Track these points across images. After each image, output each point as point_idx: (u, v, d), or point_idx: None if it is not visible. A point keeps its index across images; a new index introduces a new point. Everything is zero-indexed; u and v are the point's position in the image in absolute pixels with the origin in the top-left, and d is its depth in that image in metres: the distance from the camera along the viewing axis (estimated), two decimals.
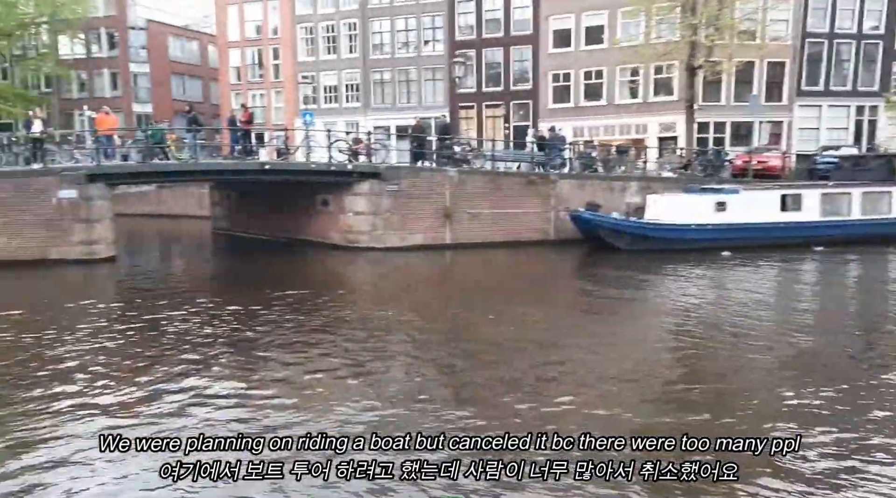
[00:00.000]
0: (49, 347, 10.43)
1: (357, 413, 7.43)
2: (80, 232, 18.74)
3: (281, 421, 7.24)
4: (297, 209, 23.69)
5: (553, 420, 7.16)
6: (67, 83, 44.30)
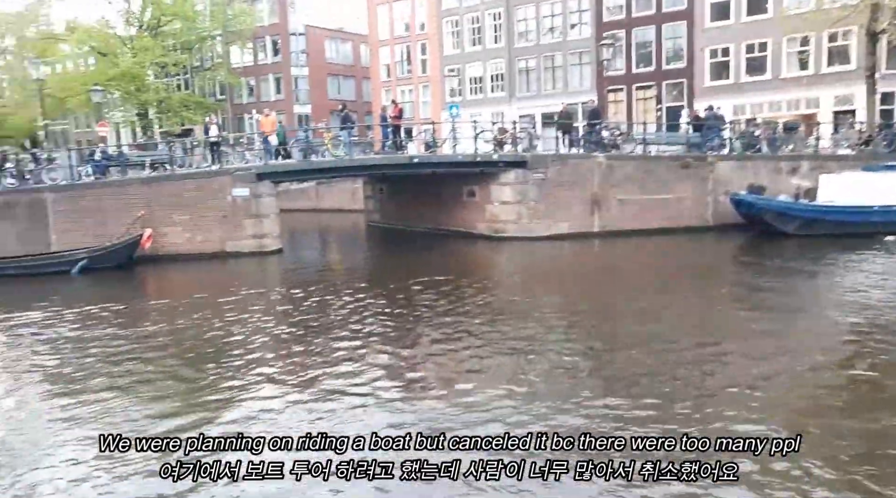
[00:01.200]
0: (231, 325, 11.53)
1: (505, 406, 7.46)
2: (251, 227, 20.42)
3: (429, 406, 7.47)
4: (445, 201, 24.19)
5: (705, 420, 6.75)
6: (238, 90, 48.42)
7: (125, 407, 7.84)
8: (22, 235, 19.19)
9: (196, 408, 7.79)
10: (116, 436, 6.48)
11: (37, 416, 7.73)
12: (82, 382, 8.87)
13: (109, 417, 7.52)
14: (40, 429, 7.29)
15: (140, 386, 8.68)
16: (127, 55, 37.77)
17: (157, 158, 24.05)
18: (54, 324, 12.45)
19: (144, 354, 10.14)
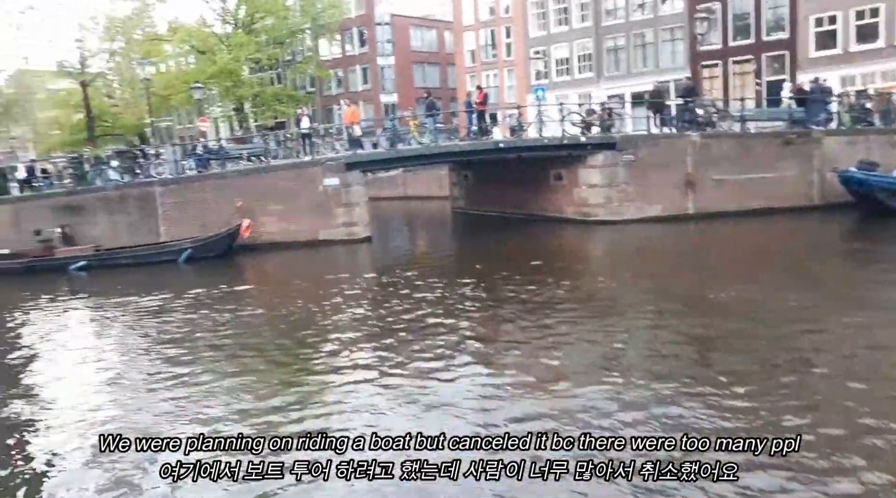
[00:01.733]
0: (322, 311, 11.95)
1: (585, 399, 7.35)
2: (341, 215, 20.97)
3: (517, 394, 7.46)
4: (531, 185, 23.95)
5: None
6: (327, 81, 49.66)
7: (225, 389, 8.27)
8: (134, 227, 20.55)
9: (287, 393, 8.12)
10: (198, 435, 6.83)
11: (146, 394, 8.30)
12: (189, 365, 9.42)
13: (207, 400, 7.96)
14: (147, 408, 7.81)
15: (238, 369, 9.13)
16: (223, 52, 39.48)
17: (253, 151, 25.10)
18: (165, 308, 13.32)
19: (245, 339, 10.67)
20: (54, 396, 8.68)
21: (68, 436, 7.15)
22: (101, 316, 13.62)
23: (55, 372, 9.92)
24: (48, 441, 7.13)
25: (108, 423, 7.41)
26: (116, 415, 7.65)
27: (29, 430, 7.57)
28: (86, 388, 8.81)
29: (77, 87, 43.35)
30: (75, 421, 7.55)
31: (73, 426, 7.41)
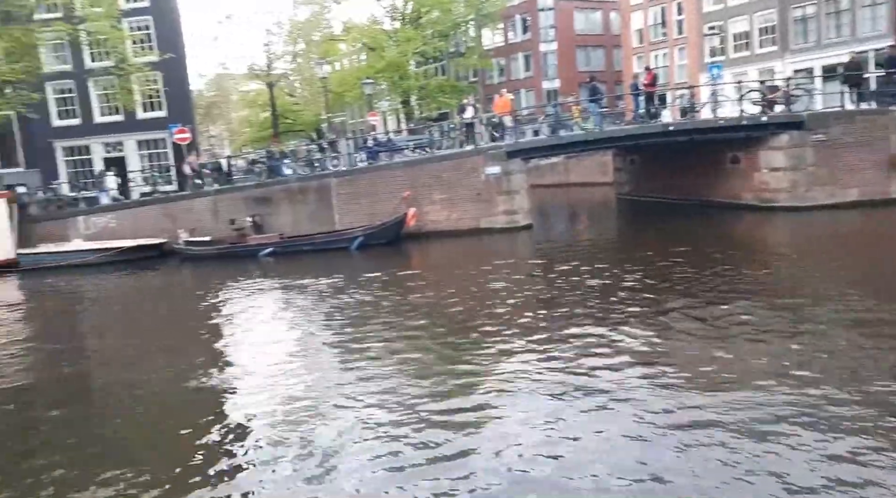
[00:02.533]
0: (485, 298, 12.11)
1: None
2: (502, 203, 21.11)
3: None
4: (704, 170, 22.51)
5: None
6: (489, 71, 50.08)
7: (391, 370, 8.67)
8: (312, 216, 22.15)
9: (448, 377, 8.32)
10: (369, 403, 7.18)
11: (322, 371, 8.91)
12: (362, 341, 10.00)
13: (377, 381, 8.38)
14: (326, 378, 8.38)
15: (406, 346, 9.52)
16: (392, 48, 41.20)
17: (419, 142, 25.98)
18: (342, 290, 14.26)
19: (411, 321, 11.10)
20: (246, 365, 9.62)
21: (258, 400, 7.88)
22: (286, 296, 14.86)
23: (247, 344, 10.96)
24: (242, 405, 7.91)
25: (292, 390, 8.08)
26: (299, 384, 8.31)
27: (227, 394, 8.45)
28: (272, 359, 9.64)
29: (264, 87, 47.47)
30: (264, 388, 8.31)
31: (262, 393, 8.15)
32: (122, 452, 6.95)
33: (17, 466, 6.77)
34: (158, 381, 9.32)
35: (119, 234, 22.62)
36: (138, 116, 28.81)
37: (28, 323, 15.27)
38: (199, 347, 11.09)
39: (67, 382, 9.96)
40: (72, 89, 28.90)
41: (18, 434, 7.85)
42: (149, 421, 7.91)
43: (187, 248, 21.69)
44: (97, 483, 6.13)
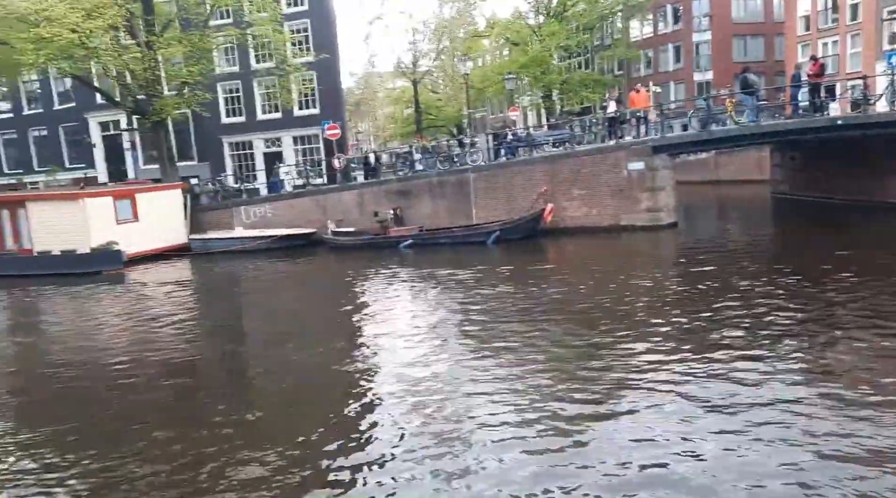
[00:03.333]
0: (622, 298, 11.77)
1: None
2: (645, 200, 20.34)
3: None
4: (878, 168, 20.35)
5: None
6: (636, 63, 48.28)
7: (522, 363, 8.66)
8: (450, 210, 22.59)
9: (581, 377, 8.17)
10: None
11: (455, 361, 9.08)
12: (494, 334, 10.08)
13: (508, 373, 8.40)
14: (456, 376, 8.54)
15: (537, 344, 9.47)
16: (535, 42, 40.92)
17: (559, 137, 25.64)
18: (477, 282, 14.50)
19: (544, 316, 11.03)
20: (384, 351, 10.03)
21: (394, 387, 8.20)
22: (424, 286, 15.32)
23: (385, 330, 11.40)
24: (379, 390, 8.27)
25: (426, 378, 8.33)
26: (432, 372, 8.54)
27: (366, 379, 8.87)
28: (408, 346, 9.98)
29: (409, 85, 48.96)
30: (400, 375, 8.62)
31: (397, 380, 8.46)
32: (267, 427, 7.51)
33: (174, 432, 7.54)
34: (305, 361, 9.96)
35: (274, 224, 24.39)
36: (294, 114, 30.81)
37: (197, 301, 16.90)
38: (343, 331, 11.74)
39: (225, 357, 10.93)
40: (238, 89, 31.48)
41: (178, 405, 8.72)
42: (294, 398, 8.48)
43: (334, 238, 22.94)
44: (242, 456, 6.68)
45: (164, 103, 25.10)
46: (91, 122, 33.16)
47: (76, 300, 17.47)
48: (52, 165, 34.20)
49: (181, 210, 24.88)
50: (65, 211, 22.05)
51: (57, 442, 7.29)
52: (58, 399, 9.11)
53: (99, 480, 6.31)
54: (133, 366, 10.29)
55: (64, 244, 21.43)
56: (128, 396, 8.90)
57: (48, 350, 12.42)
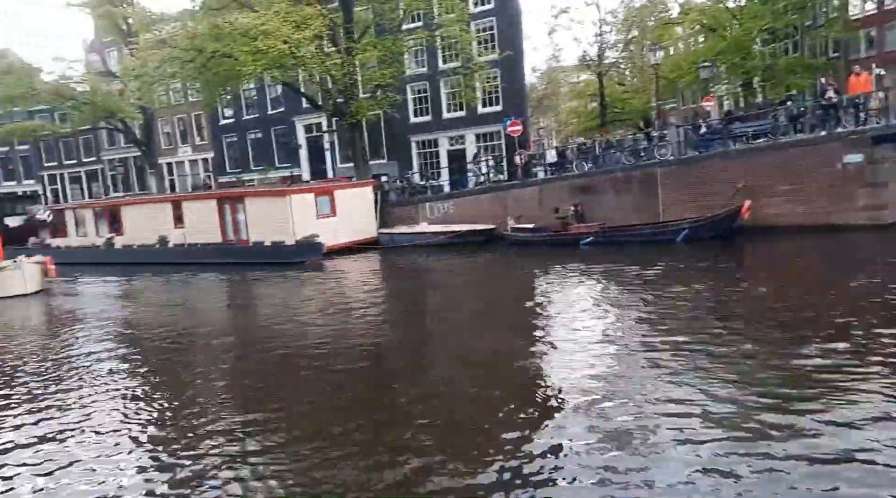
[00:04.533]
0: (833, 307, 10.50)
1: None
2: (863, 197, 18.05)
3: None
4: None
5: None
6: (855, 44, 42.90)
7: (709, 371, 8.02)
8: (635, 206, 21.69)
9: (774, 387, 7.38)
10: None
11: (636, 364, 8.66)
12: (678, 339, 9.48)
13: (692, 380, 7.82)
14: (637, 375, 8.12)
15: (727, 352, 8.73)
16: (735, 27, 37.94)
17: (759, 128, 23.51)
18: (662, 284, 13.77)
19: (735, 322, 10.16)
20: (561, 350, 9.80)
21: (572, 385, 8.00)
22: (605, 285, 14.80)
23: (563, 328, 11.18)
24: (556, 388, 8.12)
25: (605, 379, 8.05)
26: (612, 373, 8.23)
27: (543, 375, 8.77)
28: (587, 346, 9.70)
29: (594, 78, 47.78)
30: (577, 375, 8.40)
31: (575, 379, 8.25)
32: (450, 419, 7.69)
33: (360, 416, 7.98)
34: (485, 354, 10.10)
35: (456, 220, 25.10)
36: (478, 111, 31.43)
37: (385, 291, 17.90)
38: (520, 326, 11.73)
39: (408, 346, 11.41)
40: (426, 89, 32.79)
41: (368, 388, 9.23)
42: (475, 391, 8.61)
43: (513, 234, 23.06)
44: (423, 444, 6.89)
45: (359, 105, 26.88)
46: (297, 124, 36.51)
47: (284, 286, 19.33)
48: (265, 165, 38.16)
49: (372, 206, 26.51)
50: (274, 206, 24.47)
51: (254, 411, 8.08)
52: (263, 367, 10.11)
53: (290, 462, 6.86)
54: (329, 346, 11.15)
55: (273, 236, 23.82)
56: (323, 375, 9.62)
57: (261, 326, 13.95)
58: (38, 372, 10.86)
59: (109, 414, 8.48)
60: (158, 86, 30.79)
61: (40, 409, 8.90)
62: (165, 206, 27.82)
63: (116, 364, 11.08)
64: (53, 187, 48.37)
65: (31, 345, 13.34)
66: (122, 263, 26.59)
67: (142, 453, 7.19)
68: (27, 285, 20.47)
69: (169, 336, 13.26)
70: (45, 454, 7.27)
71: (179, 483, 6.36)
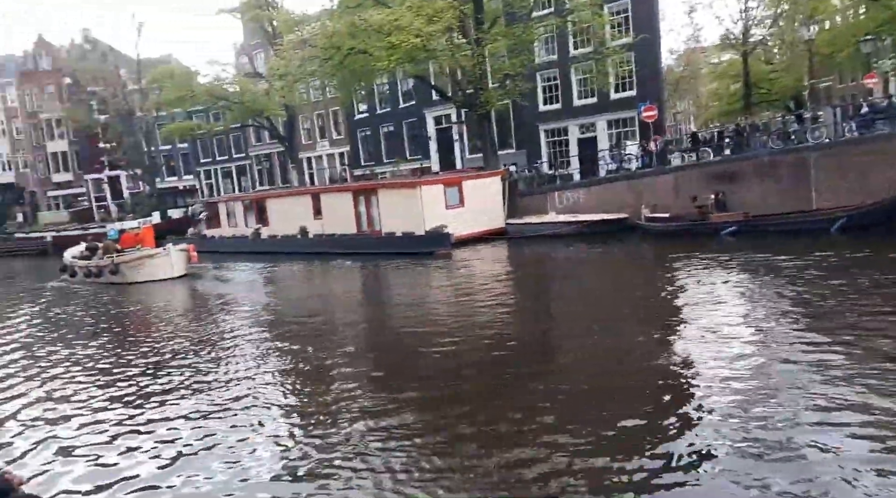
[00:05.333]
0: None
1: None
2: None
3: None
4: None
5: None
6: None
7: (867, 370, 7.26)
8: (782, 194, 20.11)
9: None
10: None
11: (784, 357, 8.02)
12: (832, 340, 8.67)
13: (853, 387, 7.12)
14: (785, 375, 7.51)
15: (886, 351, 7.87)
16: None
17: None
18: (815, 277, 12.71)
19: None
20: (697, 348, 9.25)
21: (708, 387, 7.56)
22: (749, 278, 13.82)
23: (701, 324, 10.50)
24: (689, 388, 7.71)
25: (747, 373, 7.53)
26: (753, 378, 7.68)
27: (674, 373, 8.35)
28: (726, 345, 9.11)
29: (737, 57, 44.74)
30: (713, 375, 7.91)
31: (710, 380, 7.78)
32: (578, 412, 7.53)
33: (488, 405, 7.98)
34: (616, 347, 9.80)
35: (586, 209, 24.51)
36: (610, 97, 30.43)
37: (512, 281, 17.83)
38: (658, 319, 11.26)
39: (536, 339, 11.29)
40: (556, 77, 32.19)
41: (493, 380, 9.22)
42: (604, 384, 8.37)
43: (648, 223, 22.17)
44: (551, 439, 6.78)
45: (488, 96, 26.91)
46: (427, 117, 37.22)
47: (414, 275, 19.83)
48: (397, 157, 39.28)
49: (500, 196, 26.49)
50: (405, 198, 25.12)
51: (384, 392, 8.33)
52: (395, 354, 10.42)
53: (420, 446, 7.00)
54: (455, 334, 11.27)
55: (405, 227, 24.47)
56: (450, 365, 9.75)
57: (391, 314, 14.45)
58: (184, 349, 11.87)
59: (249, 391, 9.10)
60: (300, 84, 32.57)
61: (199, 380, 9.73)
62: (306, 198, 29.40)
63: (255, 344, 11.87)
64: (208, 182, 52.61)
65: (181, 323, 14.62)
66: (268, 253, 28.45)
67: (277, 429, 7.65)
68: (174, 269, 22.91)
69: (307, 321, 14.03)
70: (193, 428, 7.94)
71: (312, 466, 6.68)
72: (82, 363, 11.65)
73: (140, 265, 22.96)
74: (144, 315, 16.99)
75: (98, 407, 9.07)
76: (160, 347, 12.40)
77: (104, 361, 11.74)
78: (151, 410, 8.70)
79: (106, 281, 23.08)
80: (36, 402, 9.57)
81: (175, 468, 6.84)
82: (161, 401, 9.04)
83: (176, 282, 22.26)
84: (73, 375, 10.92)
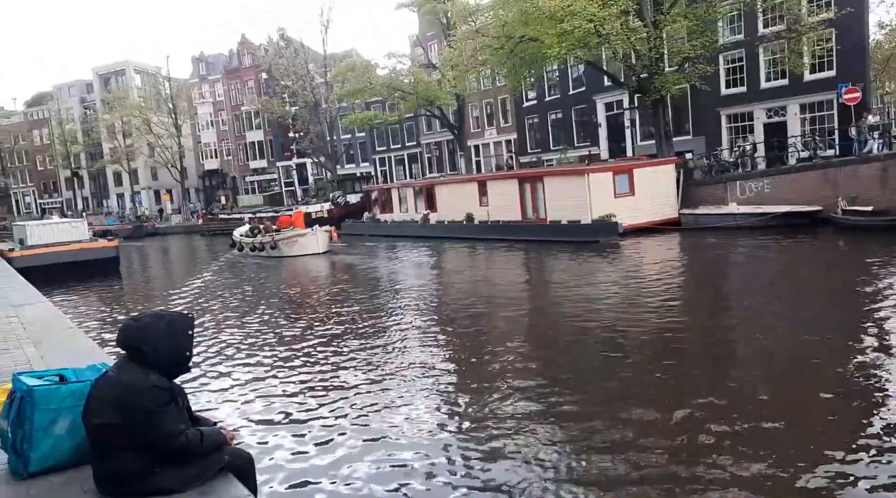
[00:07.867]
0: None
1: None
2: None
3: None
4: None
5: None
6: None
7: None
8: None
9: None
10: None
11: None
12: None
13: None
14: None
15: None
16: None
17: None
18: None
19: None
20: (874, 358, 8.29)
21: None
22: None
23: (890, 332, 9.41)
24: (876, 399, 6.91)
25: None
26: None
27: (869, 385, 7.51)
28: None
29: None
30: None
31: None
32: (745, 420, 7.02)
33: (654, 402, 7.67)
34: (795, 356, 8.99)
35: (772, 200, 22.62)
36: (804, 79, 27.67)
37: (685, 275, 16.97)
38: (849, 327, 10.09)
39: (705, 338, 10.61)
40: (741, 58, 29.85)
41: (658, 376, 8.84)
42: (774, 394, 7.73)
43: (846, 217, 20.02)
44: (721, 442, 6.39)
45: (665, 80, 25.66)
46: (598, 103, 36.27)
47: (578, 264, 19.52)
48: (564, 144, 38.75)
49: (674, 185, 25.23)
50: (572, 185, 24.75)
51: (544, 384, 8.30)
52: (554, 342, 10.36)
53: (581, 444, 6.91)
54: (620, 328, 10.97)
55: (571, 214, 24.14)
56: (610, 358, 9.51)
57: (552, 302, 14.31)
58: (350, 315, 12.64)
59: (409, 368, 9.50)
60: (471, 73, 33.18)
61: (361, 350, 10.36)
62: (472, 185, 30.00)
63: (421, 317, 12.35)
64: (383, 169, 55.38)
65: (331, 291, 15.58)
66: (435, 238, 29.45)
67: (435, 403, 7.92)
68: (319, 246, 27.12)
69: (471, 304, 14.36)
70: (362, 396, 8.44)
71: (469, 449, 6.85)
72: (272, 328, 12.84)
73: (293, 242, 27.12)
74: (308, 284, 19.90)
75: (279, 365, 9.96)
76: (326, 312, 13.35)
77: (287, 324, 12.87)
78: (331, 373, 9.39)
79: (266, 255, 27.35)
80: (217, 356, 10.71)
81: (358, 430, 7.28)
82: (335, 365, 9.72)
83: (321, 257, 26.38)
84: (264, 336, 12.06)
